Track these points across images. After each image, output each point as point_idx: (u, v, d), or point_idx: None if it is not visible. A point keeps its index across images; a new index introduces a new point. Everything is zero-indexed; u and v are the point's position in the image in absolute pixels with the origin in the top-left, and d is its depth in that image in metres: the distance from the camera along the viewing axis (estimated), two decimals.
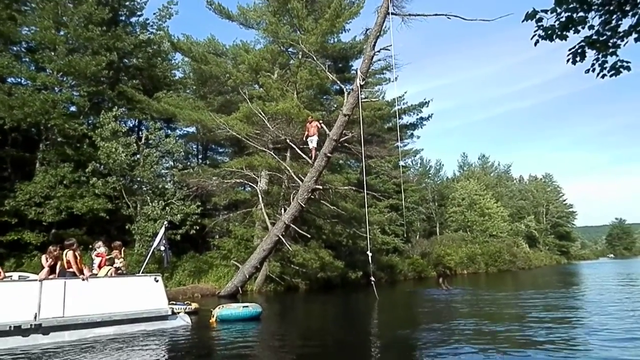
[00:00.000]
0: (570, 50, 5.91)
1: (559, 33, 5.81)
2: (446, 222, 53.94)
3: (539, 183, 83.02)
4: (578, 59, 5.90)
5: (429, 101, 28.55)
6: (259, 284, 21.72)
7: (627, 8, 5.65)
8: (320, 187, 19.47)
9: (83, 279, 9.48)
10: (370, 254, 16.55)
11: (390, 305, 16.67)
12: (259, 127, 22.00)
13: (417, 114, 29.27)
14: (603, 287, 21.46)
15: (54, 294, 9.04)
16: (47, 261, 10.07)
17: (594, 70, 5.96)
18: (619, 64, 5.85)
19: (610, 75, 5.92)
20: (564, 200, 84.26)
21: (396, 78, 28.32)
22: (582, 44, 5.86)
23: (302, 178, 19.40)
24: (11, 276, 10.51)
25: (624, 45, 5.84)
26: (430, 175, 58.44)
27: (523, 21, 5.83)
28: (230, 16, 26.49)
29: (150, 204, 21.69)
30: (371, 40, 17.86)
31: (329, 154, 18.20)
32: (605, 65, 5.92)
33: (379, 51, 18.03)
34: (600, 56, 5.90)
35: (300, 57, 24.25)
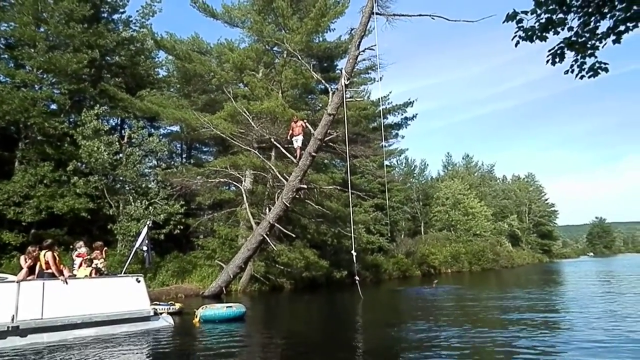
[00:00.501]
0: (549, 51, 5.98)
1: (538, 34, 5.88)
2: (431, 222, 54.31)
3: (522, 183, 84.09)
4: (557, 60, 5.97)
5: (413, 101, 28.73)
6: (243, 283, 21.60)
7: (605, 10, 5.74)
8: (305, 186, 19.43)
9: (62, 280, 9.30)
10: (354, 254, 16.59)
11: (374, 305, 16.74)
12: (244, 126, 21.88)
13: (402, 114, 29.42)
14: (584, 284, 21.87)
15: (32, 296, 8.88)
16: (26, 262, 9.88)
17: (572, 71, 6.03)
18: (597, 65, 5.94)
19: (589, 77, 6.00)
20: (546, 200, 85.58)
21: (381, 78, 28.45)
22: (562, 45, 5.93)
23: (287, 177, 19.36)
24: None
25: (602, 47, 5.92)
26: (415, 174, 58.77)
27: (504, 22, 5.88)
28: (215, 14, 26.28)
29: (132, 203, 21.42)
30: (356, 40, 17.89)
31: (313, 153, 18.18)
32: (584, 67, 6.00)
33: (363, 51, 18.07)
34: (579, 57, 5.97)
35: (285, 56, 24.20)
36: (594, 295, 16.24)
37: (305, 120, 19.21)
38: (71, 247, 13.48)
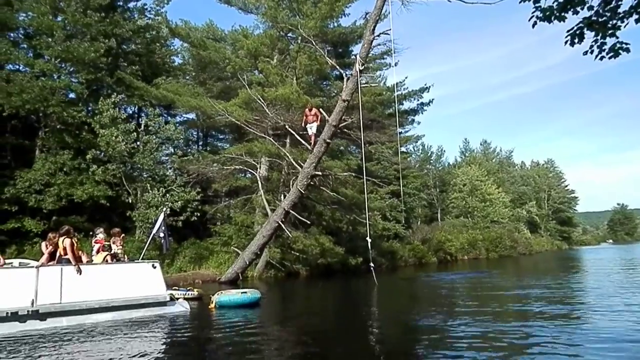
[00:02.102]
0: (568, 31, 5.81)
1: (557, 14, 5.71)
2: (447, 208, 53.96)
3: (541, 169, 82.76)
4: (576, 40, 5.80)
5: (429, 86, 28.40)
6: (259, 270, 21.82)
7: None
8: (320, 173, 19.42)
9: (76, 269, 9.49)
10: (369, 240, 16.55)
11: (388, 291, 16.75)
12: (259, 113, 21.88)
13: (418, 100, 29.17)
14: (604, 273, 21.51)
15: (50, 281, 9.09)
16: (47, 248, 10.13)
17: (592, 52, 5.86)
18: (618, 45, 5.76)
19: (609, 57, 5.83)
20: (566, 186, 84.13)
21: (396, 63, 28.04)
22: (581, 25, 5.76)
23: (302, 164, 19.35)
24: (12, 263, 10.52)
25: (624, 26, 5.73)
26: (431, 161, 58.31)
27: (521, 2, 5.72)
28: (229, 1, 26.20)
29: (150, 191, 21.70)
30: (370, 25, 17.63)
31: (328, 140, 18.11)
32: (604, 47, 5.82)
33: (378, 35, 17.83)
34: (599, 38, 5.80)
35: (299, 42, 24.01)
36: (615, 285, 15.95)
37: (319, 108, 19.09)
38: (91, 233, 13.77)
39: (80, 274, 9.50)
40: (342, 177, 22.21)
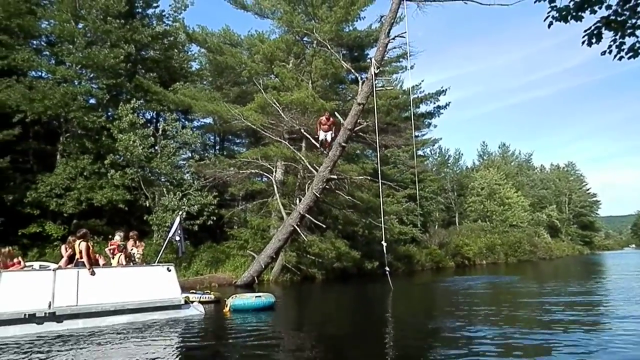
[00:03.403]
0: (585, 31, 5.68)
1: (573, 14, 5.60)
2: (465, 212, 53.33)
3: (562, 172, 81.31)
4: (594, 40, 5.67)
5: (446, 89, 28.11)
6: (275, 273, 21.84)
7: None
8: (335, 177, 19.41)
9: (89, 271, 9.63)
10: (385, 244, 16.45)
11: (403, 296, 16.59)
12: (274, 117, 21.97)
13: (434, 103, 28.88)
14: (627, 279, 20.98)
15: (67, 283, 9.23)
16: (66, 251, 10.30)
17: (610, 52, 5.72)
18: (638, 45, 5.61)
19: (629, 58, 5.68)
20: (588, 190, 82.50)
21: (412, 66, 27.96)
22: (599, 24, 5.63)
23: (317, 168, 19.35)
24: (32, 265, 10.72)
25: None
26: (449, 164, 57.76)
27: (536, 2, 5.62)
28: (245, 6, 26.41)
29: (167, 195, 21.95)
30: (385, 28, 17.60)
31: (343, 144, 18.09)
32: (622, 47, 5.69)
33: (393, 39, 17.76)
34: (617, 37, 5.66)
35: (315, 46, 24.09)
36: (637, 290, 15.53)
37: (334, 112, 18.96)
38: (110, 237, 13.98)
39: (93, 276, 9.63)
40: (357, 180, 22.13)
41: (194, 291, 14.34)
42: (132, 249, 11.31)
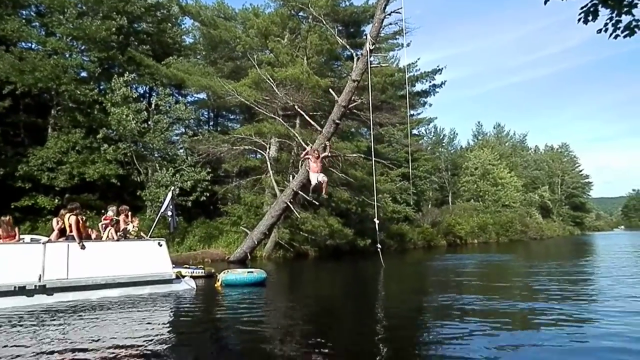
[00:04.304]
0: (582, 8, 5.61)
1: None
2: (459, 192, 53.61)
3: (555, 153, 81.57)
4: (590, 18, 5.60)
5: (442, 68, 27.95)
6: (268, 250, 21.97)
7: None
8: (329, 154, 19.33)
9: (80, 246, 9.64)
10: (377, 222, 16.50)
11: (394, 273, 16.79)
12: (268, 93, 21.76)
13: (430, 81, 28.70)
14: (615, 258, 21.31)
15: (57, 256, 9.26)
16: (57, 224, 10.27)
17: (606, 30, 5.67)
18: (634, 23, 5.55)
19: (624, 36, 5.63)
20: (580, 171, 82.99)
21: (408, 44, 27.67)
22: (595, 2, 5.56)
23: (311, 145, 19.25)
24: (23, 239, 10.69)
25: None
26: (443, 144, 57.75)
27: None
28: None
29: (160, 170, 21.85)
30: (381, 3, 17.30)
31: (337, 121, 18.00)
32: (619, 25, 5.63)
33: (389, 14, 17.48)
34: (614, 15, 5.59)
35: (310, 21, 23.70)
36: (625, 269, 15.79)
37: (329, 144, 16.81)
38: (103, 211, 13.95)
39: (83, 250, 9.64)
40: (351, 158, 22.11)
41: (187, 266, 14.42)
42: (127, 224, 11.30)
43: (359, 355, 5.82)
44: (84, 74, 22.88)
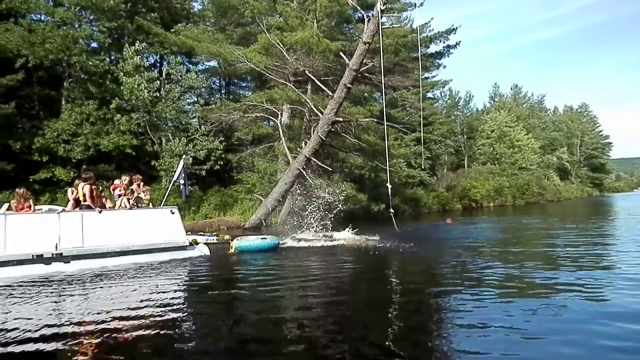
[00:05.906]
0: None
1: None
2: (475, 155, 53.00)
3: (574, 113, 79.62)
4: None
5: (456, 28, 27.09)
6: (283, 216, 22.16)
7: None
8: (341, 119, 19.18)
9: (98, 212, 9.86)
10: (390, 187, 16.45)
11: (408, 237, 16.82)
12: (278, 59, 21.45)
13: (444, 42, 27.89)
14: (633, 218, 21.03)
15: (72, 226, 9.51)
16: (72, 194, 10.49)
17: None
18: None
19: None
20: (600, 131, 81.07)
21: (422, 3, 26.84)
22: None
23: (323, 111, 19.10)
24: (41, 209, 10.95)
25: None
26: (459, 107, 56.67)
27: None
28: None
29: (173, 140, 21.98)
30: None
31: (348, 85, 17.73)
32: None
33: None
34: None
35: None
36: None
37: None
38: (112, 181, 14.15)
39: (100, 214, 9.87)
40: (364, 123, 21.87)
41: (202, 233, 14.66)
42: (139, 193, 11.49)
43: (376, 312, 5.89)
44: (94, 44, 22.80)
